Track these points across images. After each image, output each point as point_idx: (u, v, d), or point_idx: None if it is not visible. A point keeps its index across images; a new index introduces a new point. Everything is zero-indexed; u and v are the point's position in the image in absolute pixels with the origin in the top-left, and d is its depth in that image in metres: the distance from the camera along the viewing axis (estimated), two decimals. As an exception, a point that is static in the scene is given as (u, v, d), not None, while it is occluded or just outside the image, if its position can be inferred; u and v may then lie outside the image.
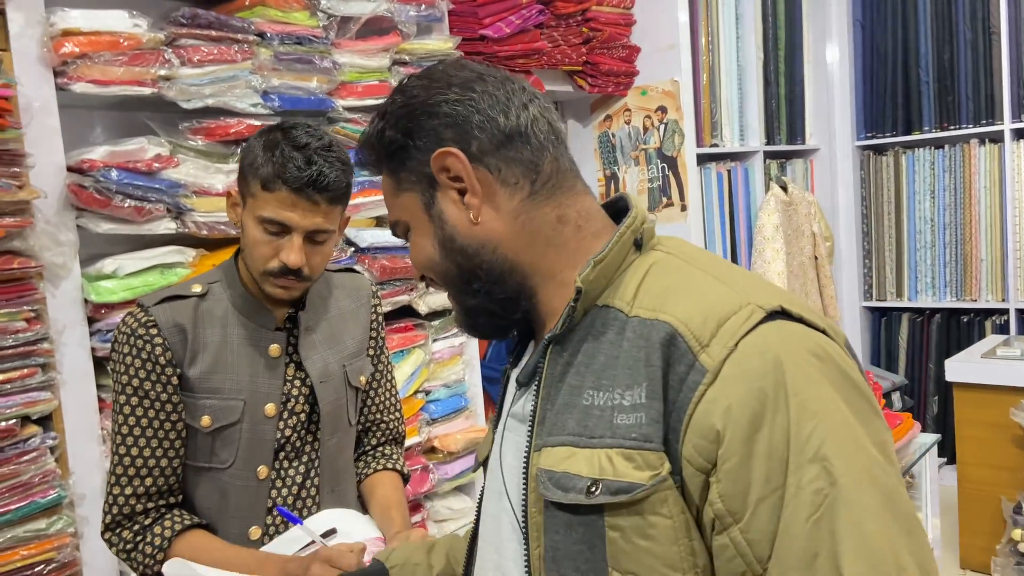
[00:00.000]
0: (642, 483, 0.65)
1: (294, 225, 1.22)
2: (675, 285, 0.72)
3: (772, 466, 0.62)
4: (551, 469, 0.70)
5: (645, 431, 0.66)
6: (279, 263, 1.23)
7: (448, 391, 2.33)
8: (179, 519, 1.27)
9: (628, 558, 0.66)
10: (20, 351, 1.49)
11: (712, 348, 0.65)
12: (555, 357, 0.75)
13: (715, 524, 0.64)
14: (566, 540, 0.70)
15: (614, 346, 0.71)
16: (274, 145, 1.22)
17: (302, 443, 1.35)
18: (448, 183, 0.76)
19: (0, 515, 1.45)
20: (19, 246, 1.51)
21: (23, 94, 1.51)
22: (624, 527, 0.66)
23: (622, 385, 0.68)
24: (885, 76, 3.65)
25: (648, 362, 0.67)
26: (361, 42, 2.05)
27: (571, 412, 0.71)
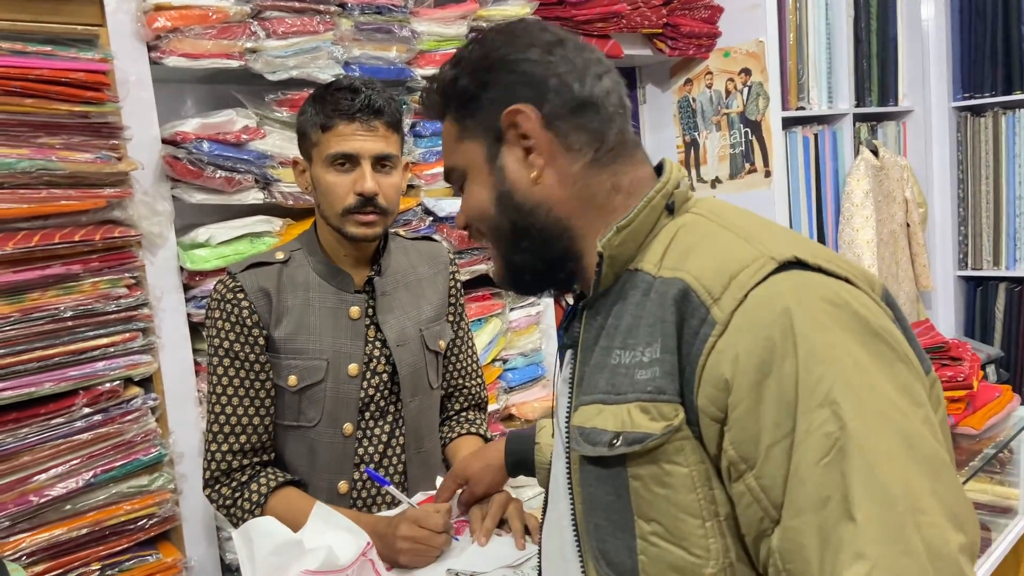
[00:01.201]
0: (654, 433, 0.68)
1: (359, 151, 1.29)
2: (697, 244, 0.74)
3: (781, 411, 0.63)
4: (582, 425, 0.75)
5: (659, 383, 0.69)
6: (355, 197, 1.29)
7: (525, 360, 2.34)
8: (273, 476, 1.33)
9: (649, 506, 0.70)
10: (122, 316, 1.56)
11: (723, 300, 0.67)
12: (590, 321, 0.79)
13: (731, 471, 0.66)
14: (598, 492, 0.74)
15: (639, 307, 0.74)
16: (321, 95, 1.32)
17: (386, 403, 1.39)
18: (515, 140, 0.79)
19: (106, 472, 1.53)
20: (119, 216, 1.57)
21: (119, 68, 1.56)
22: (643, 476, 0.70)
23: (643, 343, 0.71)
24: (983, 33, 3.44)
25: (663, 318, 0.70)
26: (439, 10, 2.05)
27: (602, 372, 0.75)
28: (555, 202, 0.79)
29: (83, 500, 1.51)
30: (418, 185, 2.05)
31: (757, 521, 0.65)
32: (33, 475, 1.46)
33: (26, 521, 1.46)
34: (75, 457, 1.50)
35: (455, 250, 2.09)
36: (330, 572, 0.98)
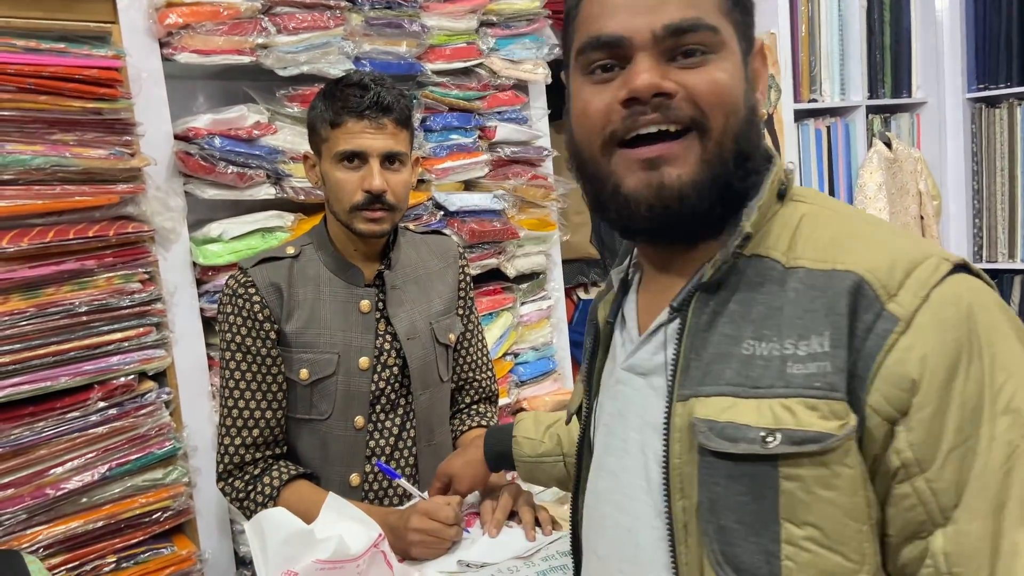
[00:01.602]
0: (833, 433, 0.63)
1: (367, 149, 1.30)
2: (843, 235, 0.70)
3: (965, 416, 0.62)
4: (712, 419, 0.69)
5: (831, 380, 0.65)
6: (363, 194, 1.30)
7: (536, 354, 2.34)
8: (286, 469, 1.34)
9: (807, 509, 0.65)
10: (136, 311, 1.57)
11: (901, 297, 0.64)
12: (700, 306, 0.73)
13: (898, 473, 0.64)
14: (727, 491, 0.68)
15: (774, 296, 0.70)
16: (330, 91, 1.32)
17: (396, 396, 1.39)
18: (754, 66, 0.76)
19: (121, 465, 1.54)
20: (132, 211, 1.58)
21: (132, 65, 1.57)
22: (805, 477, 0.65)
23: (793, 335, 0.67)
24: (999, 23, 3.40)
25: (832, 311, 0.66)
26: (449, 4, 2.05)
27: (727, 362, 0.70)
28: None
29: (99, 493, 1.53)
30: (429, 179, 2.05)
31: (916, 524, 0.64)
32: (49, 468, 1.48)
33: (43, 514, 1.47)
34: (90, 451, 1.52)
35: (466, 244, 2.10)
36: (341, 562, 0.99)
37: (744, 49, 0.74)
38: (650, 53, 0.70)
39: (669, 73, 0.70)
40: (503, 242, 2.19)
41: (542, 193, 2.29)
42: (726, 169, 0.71)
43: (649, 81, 0.69)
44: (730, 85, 0.71)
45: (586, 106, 0.73)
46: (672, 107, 0.69)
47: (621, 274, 0.86)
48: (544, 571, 1.10)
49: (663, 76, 0.69)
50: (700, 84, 0.70)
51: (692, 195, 0.71)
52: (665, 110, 0.69)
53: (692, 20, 0.69)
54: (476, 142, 2.14)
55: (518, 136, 2.23)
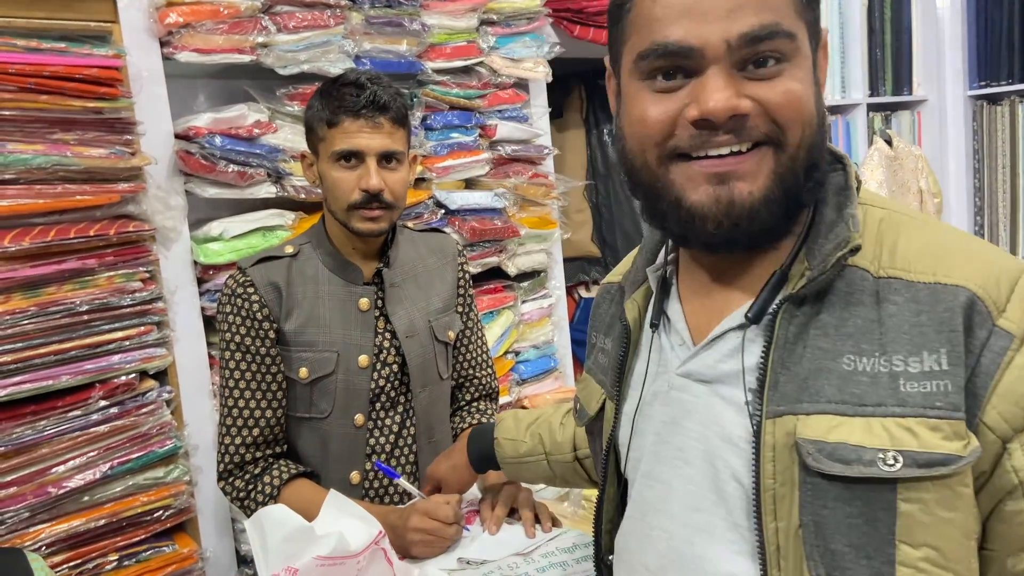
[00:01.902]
0: (961, 455, 0.61)
1: (365, 148, 1.30)
2: (934, 245, 0.68)
3: None
4: (820, 440, 0.64)
5: (952, 399, 0.62)
6: (361, 193, 1.30)
7: (537, 352, 2.34)
8: (286, 468, 1.34)
9: (926, 530, 0.63)
10: (137, 310, 1.57)
11: (1011, 313, 0.63)
12: (787, 317, 0.68)
13: (1015, 490, 0.63)
14: (837, 514, 0.65)
15: (869, 309, 0.66)
16: (327, 90, 1.32)
17: (396, 393, 1.40)
18: (822, 54, 0.72)
19: (122, 464, 1.54)
20: (133, 210, 1.59)
21: (132, 64, 1.57)
22: (927, 499, 0.63)
23: (900, 351, 0.64)
24: (1000, 20, 3.39)
25: (946, 327, 0.63)
26: (449, 3, 2.05)
27: (827, 377, 0.66)
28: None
29: (100, 492, 1.53)
30: (430, 178, 2.06)
31: (1022, 539, 0.64)
32: (51, 467, 1.48)
33: (45, 512, 1.48)
34: (92, 449, 1.52)
35: (467, 243, 2.10)
36: (341, 558, 0.99)
37: (813, 48, 0.69)
38: (723, 66, 0.65)
39: (743, 87, 0.65)
40: (504, 240, 2.19)
41: (543, 191, 2.29)
42: (797, 182, 0.67)
43: (727, 104, 0.64)
44: (806, 96, 0.66)
45: (644, 115, 0.68)
46: (747, 127, 0.65)
47: (658, 271, 0.81)
48: (544, 567, 1.11)
49: (738, 93, 0.64)
50: (776, 98, 0.65)
51: (763, 211, 0.67)
52: (739, 131, 0.65)
53: (771, 27, 0.64)
54: (477, 140, 2.14)
55: (519, 134, 2.23)
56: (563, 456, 1.16)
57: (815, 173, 0.69)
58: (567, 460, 1.16)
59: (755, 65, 0.65)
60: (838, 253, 0.67)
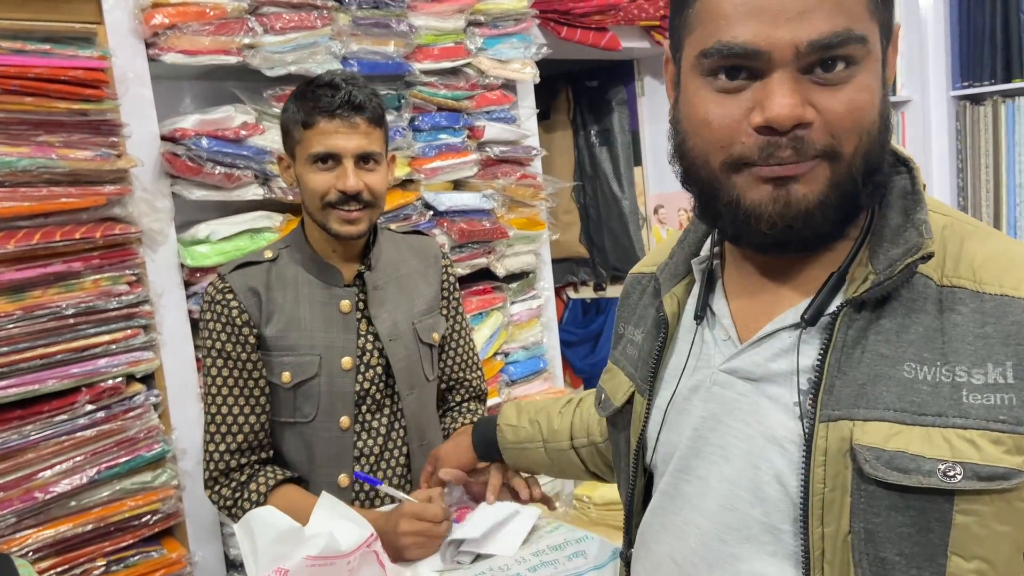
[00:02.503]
0: (1021, 470, 0.61)
1: (341, 150, 1.30)
2: (998, 255, 0.67)
3: None
4: (878, 447, 0.64)
5: (1017, 413, 0.62)
6: (338, 193, 1.30)
7: (527, 353, 2.34)
8: (272, 474, 1.33)
9: (981, 543, 0.63)
10: (124, 313, 1.56)
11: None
12: (847, 320, 0.67)
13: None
14: (889, 522, 0.64)
15: (932, 317, 0.66)
16: (302, 92, 1.32)
17: (382, 396, 1.40)
18: (892, 51, 0.70)
19: (109, 468, 1.53)
20: (119, 213, 1.58)
21: (117, 66, 1.56)
22: (984, 512, 0.62)
23: (964, 362, 0.64)
24: (983, 21, 3.43)
25: (1013, 339, 0.63)
26: (437, 4, 2.05)
27: (886, 384, 0.65)
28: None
29: (87, 496, 1.52)
30: (418, 179, 2.05)
31: None
32: (38, 472, 1.47)
33: (32, 517, 1.46)
34: (79, 454, 1.51)
35: (455, 244, 2.10)
36: (331, 558, 0.99)
37: (885, 45, 0.67)
38: (790, 71, 0.63)
39: (807, 93, 0.63)
40: (492, 241, 2.19)
41: (531, 192, 2.30)
42: (855, 187, 0.66)
43: (792, 113, 0.62)
44: (870, 104, 0.65)
45: (708, 116, 0.67)
46: (807, 141, 0.64)
47: (703, 264, 0.80)
48: (535, 567, 1.11)
49: (803, 102, 0.63)
50: (839, 109, 0.63)
51: (818, 215, 0.66)
52: (800, 143, 0.64)
53: (843, 34, 0.62)
54: (465, 142, 2.14)
55: (507, 135, 2.23)
56: (559, 444, 1.17)
57: (875, 176, 0.67)
58: (563, 448, 1.17)
59: (823, 68, 0.63)
60: (908, 259, 0.65)
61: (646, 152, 3.15)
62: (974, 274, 0.66)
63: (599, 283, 3.34)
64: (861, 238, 0.70)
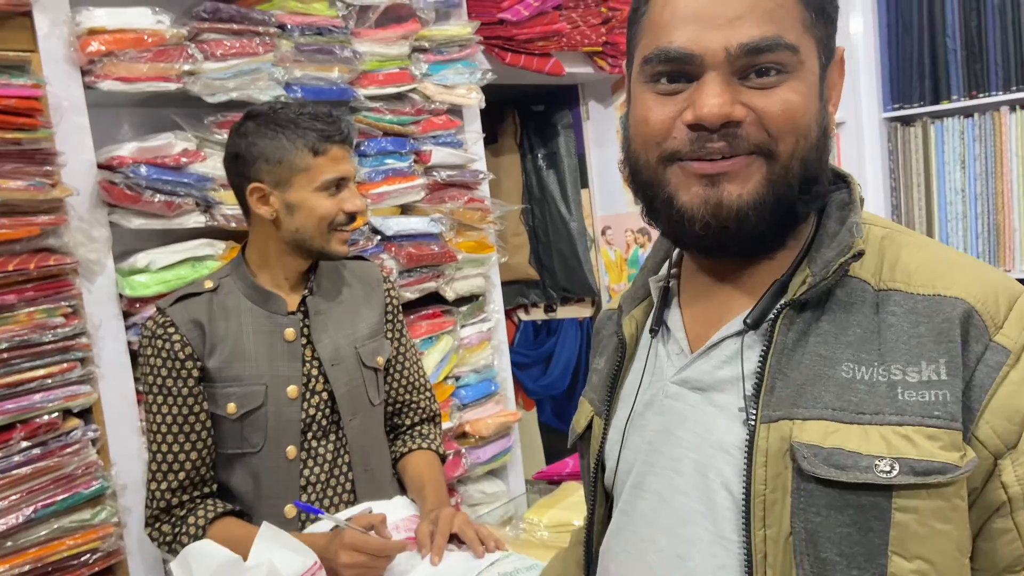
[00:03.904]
0: (957, 465, 0.62)
1: (348, 174, 1.37)
2: (934, 260, 0.69)
3: None
4: (816, 444, 0.64)
5: (951, 409, 0.63)
6: (345, 215, 1.36)
7: (478, 376, 2.34)
8: (212, 507, 1.31)
9: (920, 542, 0.63)
10: (60, 346, 1.52)
11: (1008, 329, 0.64)
12: (787, 323, 0.69)
13: (1001, 507, 0.63)
14: (829, 522, 0.64)
15: (869, 319, 0.67)
16: (288, 123, 1.33)
17: (328, 422, 1.39)
18: (832, 77, 0.72)
19: (46, 507, 1.48)
20: (54, 243, 1.54)
21: (52, 94, 1.53)
22: (923, 510, 0.62)
23: (899, 361, 0.65)
24: (911, 46, 3.57)
25: (944, 337, 0.64)
26: (380, 30, 2.06)
27: (824, 384, 0.66)
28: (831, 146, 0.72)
29: (24, 536, 1.47)
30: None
31: (1013, 558, 0.64)
32: (-32, 513, 1.42)
33: (-38, 561, 1.41)
34: (14, 492, 1.46)
35: (403, 268, 2.09)
36: None
37: (823, 63, 0.70)
38: (721, 73, 0.66)
39: (740, 95, 0.66)
40: (441, 265, 2.20)
41: (479, 216, 2.31)
42: (790, 192, 0.68)
43: (719, 111, 0.65)
44: (803, 108, 0.67)
45: (647, 115, 0.70)
46: (740, 136, 0.66)
47: (661, 282, 0.82)
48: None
49: (733, 101, 0.66)
50: (771, 108, 0.66)
51: (751, 215, 0.67)
52: (732, 138, 0.66)
53: (772, 39, 0.65)
54: (411, 166, 2.14)
55: (453, 159, 2.24)
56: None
57: (813, 187, 0.70)
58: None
59: (757, 74, 0.66)
60: (840, 259, 0.68)
61: (592, 174, 3.20)
62: (909, 278, 0.68)
63: (550, 304, 3.36)
64: (805, 248, 0.73)
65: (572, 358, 3.29)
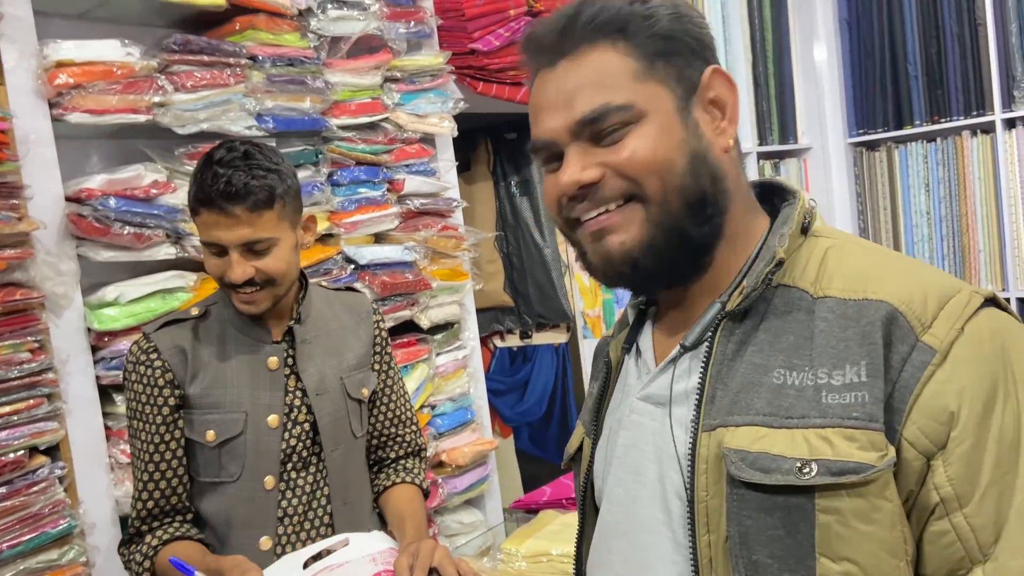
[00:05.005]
0: (872, 464, 0.62)
1: (223, 242, 1.24)
2: (871, 266, 0.71)
3: (1003, 450, 0.62)
4: (744, 449, 0.67)
5: (869, 410, 0.64)
6: (229, 280, 1.26)
7: (454, 404, 2.33)
8: (171, 530, 1.30)
9: (844, 543, 0.63)
10: (25, 382, 1.49)
11: (936, 329, 0.65)
12: (726, 335, 0.73)
13: (936, 509, 0.63)
14: (759, 524, 0.66)
15: (804, 326, 0.69)
16: (199, 168, 1.26)
17: (308, 453, 1.37)
18: (707, 100, 0.75)
19: (12, 547, 1.45)
20: (20, 278, 1.51)
21: (19, 127, 1.52)
22: (843, 510, 0.63)
23: (826, 364, 0.67)
24: (874, 72, 3.66)
25: (867, 340, 0.65)
26: (352, 61, 2.07)
27: (757, 391, 0.69)
28: (731, 179, 0.75)
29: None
30: (338, 234, 2.04)
31: (954, 561, 0.63)
32: (-72, 557, 1.37)
33: (-79, 607, 1.36)
34: (-24, 534, 1.42)
35: (378, 297, 2.09)
36: None
37: (682, 94, 0.73)
38: (576, 146, 0.73)
39: (596, 157, 0.73)
40: (416, 293, 2.19)
41: (453, 243, 2.31)
42: (678, 223, 0.72)
43: (569, 179, 0.73)
44: (654, 148, 0.71)
45: (546, 193, 0.78)
46: (601, 190, 0.73)
47: (637, 307, 0.86)
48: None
49: (585, 167, 0.73)
50: (621, 160, 0.71)
51: (642, 257, 0.73)
52: (595, 196, 0.73)
53: (600, 109, 0.71)
54: (385, 195, 2.14)
55: (427, 188, 2.24)
56: None
57: (704, 210, 0.73)
58: None
59: (606, 136, 0.73)
60: (767, 269, 0.72)
61: (565, 201, 3.21)
62: (843, 284, 0.70)
63: (525, 331, 3.36)
64: (749, 263, 0.76)
65: (548, 384, 3.28)
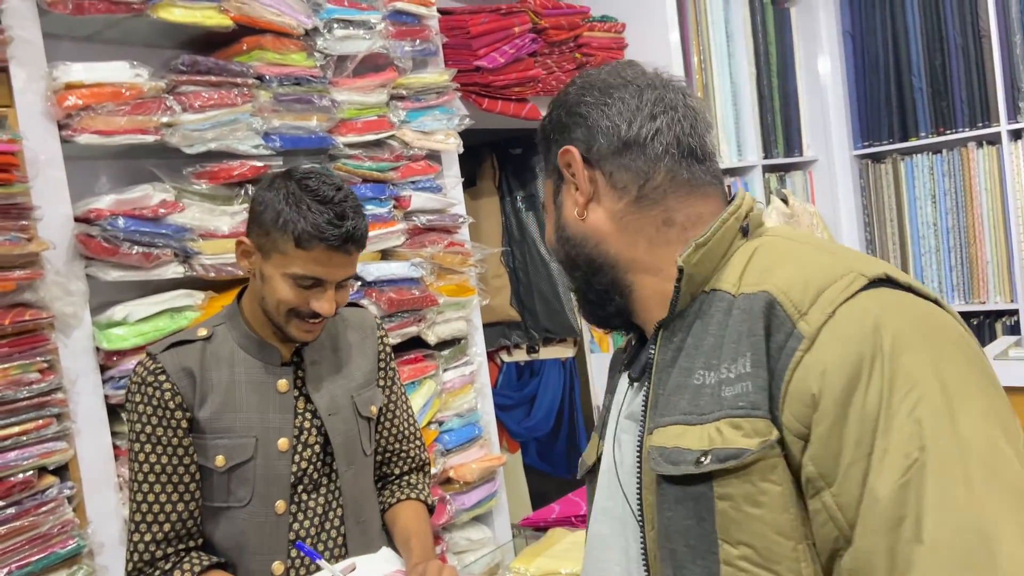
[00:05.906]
0: (750, 448, 0.65)
1: (330, 278, 1.27)
2: (779, 260, 0.73)
3: (864, 430, 0.62)
4: (662, 446, 0.72)
5: (752, 399, 0.67)
6: (310, 310, 1.27)
7: (461, 420, 2.32)
8: (197, 561, 1.28)
9: (739, 528, 0.66)
10: (35, 402, 1.49)
11: (811, 315, 0.66)
12: (665, 343, 0.77)
13: (808, 488, 0.65)
14: (676, 516, 0.71)
15: (721, 326, 0.72)
16: (298, 200, 1.23)
17: (319, 475, 1.36)
18: (568, 177, 0.83)
19: (20, 568, 1.44)
20: (30, 298, 1.52)
21: (29, 148, 1.53)
22: (734, 495, 0.66)
23: (728, 359, 0.70)
24: (878, 84, 3.67)
25: (751, 332, 0.68)
26: (358, 79, 2.08)
27: (683, 393, 0.73)
28: (603, 236, 0.81)
29: (-6, 601, 1.43)
30: (344, 251, 2.04)
31: (832, 540, 0.64)
32: (-62, 578, 1.37)
33: (-70, 629, 1.36)
34: (-15, 555, 1.42)
35: (385, 313, 2.09)
36: None
37: (556, 180, 0.86)
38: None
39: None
40: (422, 309, 2.19)
41: (459, 259, 2.31)
42: (579, 284, 0.85)
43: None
44: (548, 235, 0.87)
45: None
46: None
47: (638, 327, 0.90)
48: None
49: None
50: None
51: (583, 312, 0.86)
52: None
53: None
54: (391, 211, 2.15)
55: (433, 204, 2.25)
56: None
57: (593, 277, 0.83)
58: None
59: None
60: (656, 292, 0.79)
61: (571, 215, 3.22)
62: (752, 279, 0.73)
63: (532, 345, 3.35)
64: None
65: (556, 399, 3.27)
